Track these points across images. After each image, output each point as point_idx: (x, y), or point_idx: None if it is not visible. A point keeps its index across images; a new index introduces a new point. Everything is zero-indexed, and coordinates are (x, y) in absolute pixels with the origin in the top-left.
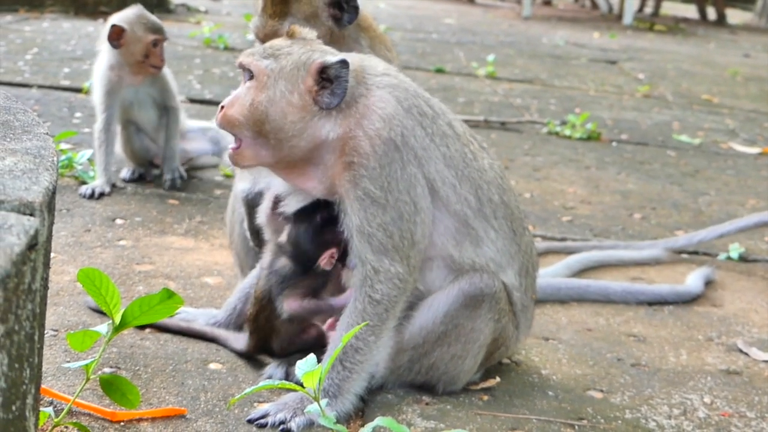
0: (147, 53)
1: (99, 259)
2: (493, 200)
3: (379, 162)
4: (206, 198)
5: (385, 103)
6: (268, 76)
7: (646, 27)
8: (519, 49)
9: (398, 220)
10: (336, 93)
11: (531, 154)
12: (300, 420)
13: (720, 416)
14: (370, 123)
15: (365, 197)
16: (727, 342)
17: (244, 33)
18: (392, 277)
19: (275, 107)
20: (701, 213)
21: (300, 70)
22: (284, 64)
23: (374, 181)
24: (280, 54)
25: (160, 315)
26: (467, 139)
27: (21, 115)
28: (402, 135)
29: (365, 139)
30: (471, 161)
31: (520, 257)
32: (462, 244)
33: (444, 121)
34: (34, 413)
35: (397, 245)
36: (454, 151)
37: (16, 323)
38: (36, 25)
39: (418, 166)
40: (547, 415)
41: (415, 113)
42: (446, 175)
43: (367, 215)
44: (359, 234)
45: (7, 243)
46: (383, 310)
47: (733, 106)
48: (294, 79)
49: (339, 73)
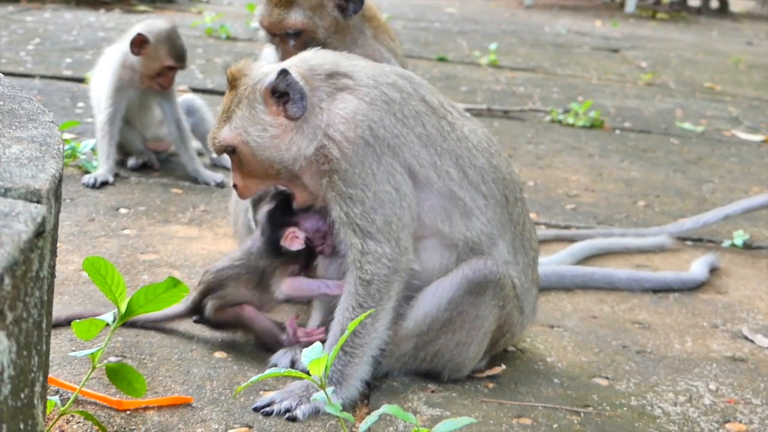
0: (160, 73)
1: (103, 249)
2: (477, 165)
3: (350, 162)
4: (210, 187)
5: (345, 103)
6: (240, 136)
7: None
8: (521, 38)
9: (379, 207)
10: (296, 99)
11: (534, 143)
12: (306, 408)
13: (725, 403)
14: (334, 128)
15: (341, 196)
16: (732, 329)
17: (246, 23)
18: (380, 257)
19: (267, 151)
20: (705, 200)
21: (256, 106)
22: (241, 114)
23: (348, 181)
24: (233, 110)
25: (165, 303)
26: (444, 111)
27: (26, 104)
28: (370, 129)
29: (333, 145)
30: (449, 133)
31: (512, 227)
32: (451, 219)
33: (416, 100)
34: (42, 401)
35: (382, 228)
36: (430, 128)
37: (24, 311)
38: (38, 15)
39: (393, 156)
40: (553, 402)
41: (380, 103)
42: (423, 157)
43: (346, 209)
44: (341, 224)
45: (14, 230)
46: (375, 290)
47: (736, 93)
48: (259, 118)
49: (287, 82)
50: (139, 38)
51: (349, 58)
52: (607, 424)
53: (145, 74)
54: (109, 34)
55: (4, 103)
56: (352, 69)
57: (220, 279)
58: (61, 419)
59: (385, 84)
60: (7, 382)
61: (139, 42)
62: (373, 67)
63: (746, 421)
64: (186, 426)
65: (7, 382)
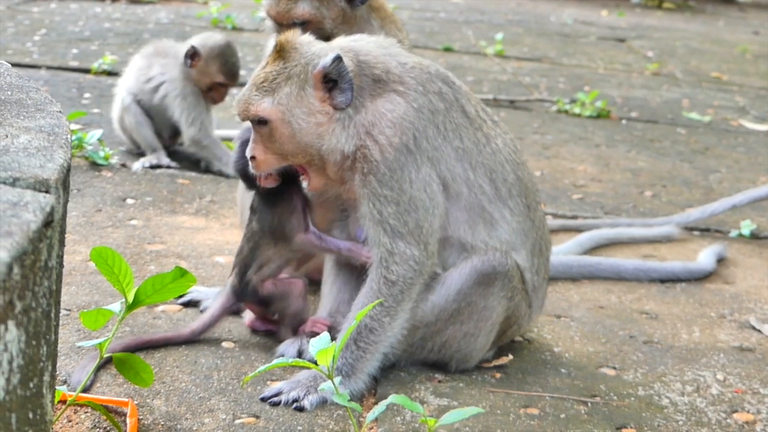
0: (212, 87)
1: (110, 239)
2: (508, 180)
3: (390, 167)
4: (216, 177)
5: (393, 105)
6: (281, 111)
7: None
8: (527, 28)
9: (413, 211)
10: (345, 89)
11: (540, 133)
12: (313, 398)
13: (733, 393)
14: (379, 130)
15: (375, 195)
16: (740, 319)
17: (252, 13)
18: (408, 259)
19: (304, 133)
20: (712, 190)
21: (306, 87)
22: (288, 91)
23: (385, 184)
24: (278, 83)
25: (172, 293)
26: (479, 122)
27: (33, 94)
28: (414, 137)
29: (375, 147)
30: (484, 146)
31: (534, 233)
32: (475, 228)
33: (457, 110)
34: (50, 391)
35: (413, 231)
36: (467, 141)
37: (33, 300)
38: (44, 6)
39: (431, 166)
40: (560, 392)
41: (426, 111)
42: (458, 171)
43: (380, 207)
44: (372, 221)
45: (23, 220)
46: (399, 291)
47: (743, 83)
48: (306, 100)
49: (339, 70)
50: (193, 51)
51: (395, 54)
52: (615, 413)
53: (197, 84)
54: (115, 25)
55: (12, 93)
56: (402, 69)
57: (244, 254)
58: (69, 409)
59: (432, 92)
60: (17, 371)
61: (191, 55)
62: (420, 69)
63: (754, 411)
64: (193, 416)
65: (16, 372)
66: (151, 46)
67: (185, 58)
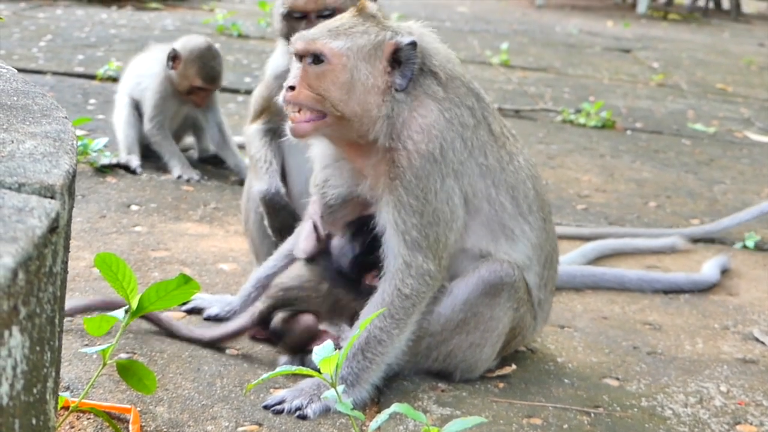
0: (191, 91)
1: (114, 245)
2: (529, 196)
3: (416, 175)
4: (221, 184)
5: (427, 110)
6: (347, 57)
7: (660, 16)
8: (532, 38)
9: (435, 224)
10: (405, 75)
11: (545, 142)
12: (316, 406)
13: (736, 405)
14: (408, 134)
15: (401, 203)
16: (743, 331)
17: (258, 21)
18: (423, 274)
19: (360, 88)
20: (716, 201)
21: (377, 50)
22: (362, 44)
23: (410, 191)
24: (354, 33)
25: (176, 300)
26: (503, 140)
27: (39, 99)
28: (441, 147)
29: (403, 152)
30: (507, 164)
31: (548, 245)
32: (498, 242)
33: (484, 128)
34: (54, 397)
35: (432, 245)
36: (491, 159)
37: (37, 306)
38: (50, 11)
39: (455, 179)
40: (563, 402)
41: (457, 124)
42: (479, 187)
43: (402, 216)
44: (393, 230)
45: (28, 225)
46: (411, 304)
47: (748, 95)
48: (373, 61)
49: (409, 56)
50: (173, 54)
51: (450, 59)
52: (618, 424)
53: (178, 87)
54: (121, 31)
55: (18, 99)
56: (449, 75)
57: (288, 298)
58: (71, 415)
59: (465, 106)
60: (20, 377)
61: (172, 57)
62: (461, 81)
63: (757, 423)
64: (196, 423)
65: (20, 377)
66: (149, 49)
67: (167, 60)
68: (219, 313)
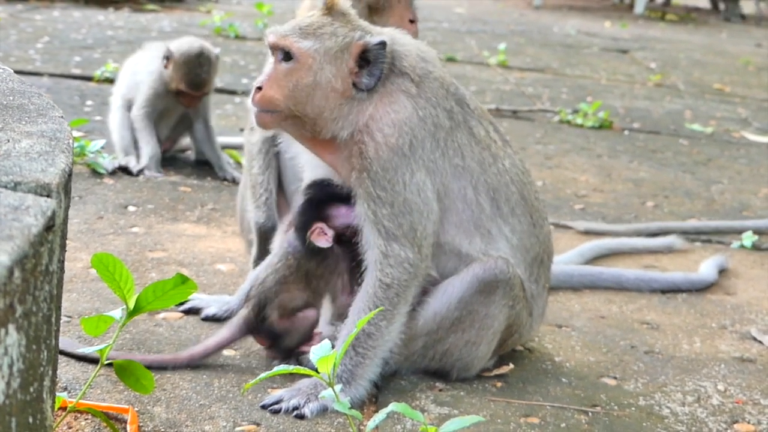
0: (179, 92)
1: (112, 246)
2: (512, 199)
3: (383, 167)
4: (218, 185)
5: (399, 105)
6: (313, 59)
7: (658, 16)
8: (530, 38)
9: (407, 213)
10: (373, 74)
11: (543, 143)
12: (314, 405)
13: (734, 403)
14: (378, 126)
15: (370, 196)
16: (741, 330)
17: (256, 22)
18: (402, 262)
19: (320, 91)
20: (714, 201)
21: (344, 52)
22: (329, 46)
23: (377, 183)
24: (323, 34)
25: (173, 300)
26: (488, 142)
27: (35, 99)
28: (411, 143)
29: (371, 143)
30: (489, 166)
31: (537, 248)
32: (472, 239)
33: (463, 131)
34: (51, 396)
35: (407, 233)
36: (470, 160)
37: (33, 304)
38: (47, 13)
39: (427, 174)
40: (561, 401)
41: (430, 124)
42: (453, 187)
43: (374, 208)
44: (367, 221)
45: (24, 224)
46: (394, 294)
47: (745, 95)
48: (339, 63)
49: (378, 56)
50: (167, 53)
51: (429, 59)
52: (615, 423)
53: (168, 88)
54: (118, 33)
55: (14, 98)
56: (424, 76)
57: (267, 288)
58: (69, 415)
59: (441, 107)
60: (17, 375)
61: (166, 57)
62: (440, 84)
63: (754, 421)
64: (194, 423)
65: (16, 376)
66: (143, 48)
67: (162, 59)
68: (217, 313)
